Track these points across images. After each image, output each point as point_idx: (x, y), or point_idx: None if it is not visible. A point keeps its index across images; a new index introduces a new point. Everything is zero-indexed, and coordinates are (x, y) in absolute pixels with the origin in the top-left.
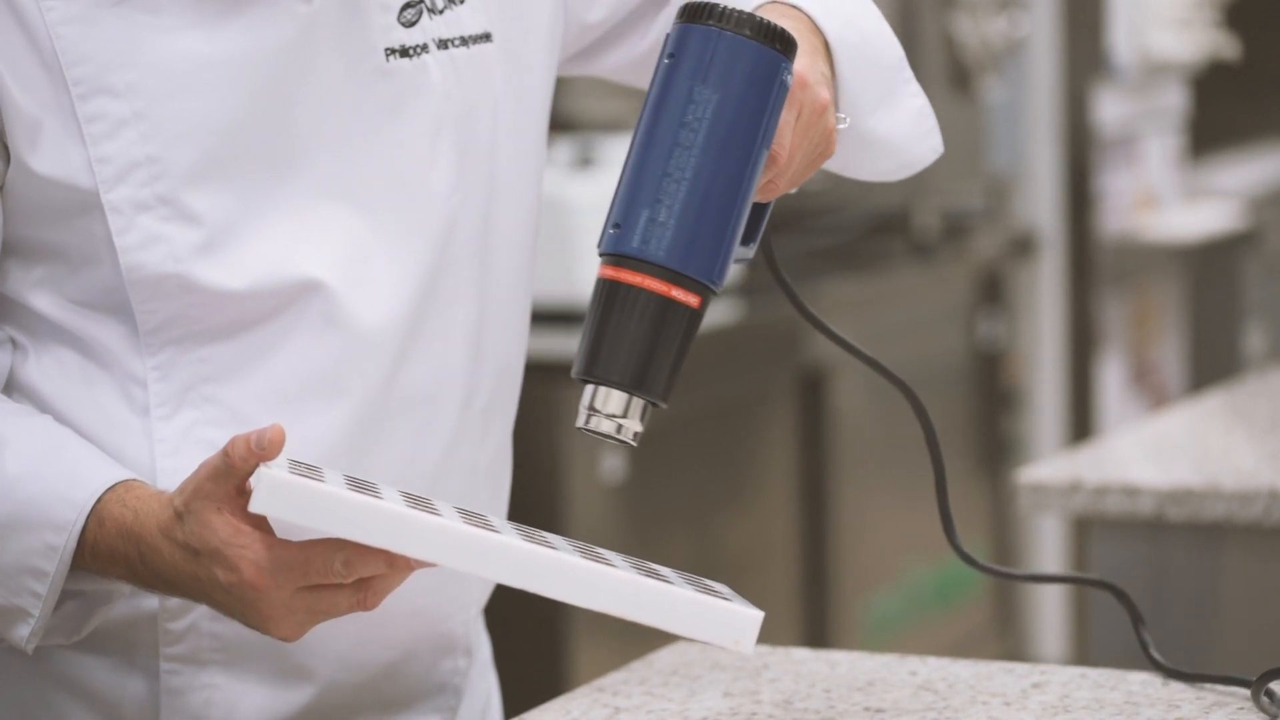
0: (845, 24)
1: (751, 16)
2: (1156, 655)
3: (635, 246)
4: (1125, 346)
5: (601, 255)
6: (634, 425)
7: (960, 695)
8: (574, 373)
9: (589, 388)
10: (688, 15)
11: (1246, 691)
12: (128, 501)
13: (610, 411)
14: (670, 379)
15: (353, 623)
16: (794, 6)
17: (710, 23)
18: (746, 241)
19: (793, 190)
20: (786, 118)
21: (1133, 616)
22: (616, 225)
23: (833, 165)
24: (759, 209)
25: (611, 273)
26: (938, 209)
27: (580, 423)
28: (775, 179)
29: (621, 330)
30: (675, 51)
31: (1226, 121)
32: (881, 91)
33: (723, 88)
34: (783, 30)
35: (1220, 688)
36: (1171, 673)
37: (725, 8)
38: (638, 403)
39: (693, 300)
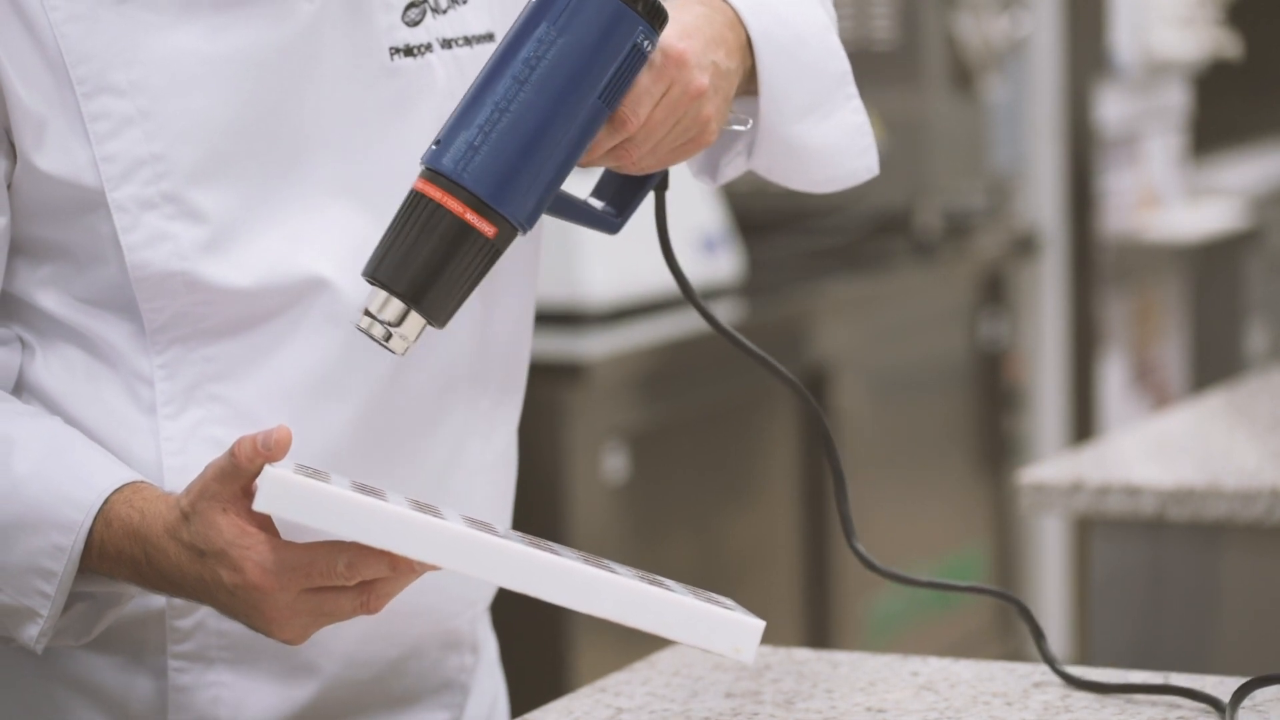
0: (778, 23)
1: None
2: (1063, 669)
3: (446, 165)
4: (1127, 346)
5: (422, 168)
6: (406, 341)
7: (962, 695)
8: (363, 271)
9: (371, 290)
10: None
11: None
12: (135, 503)
13: (386, 319)
14: (452, 305)
15: (358, 620)
16: None
17: None
18: (619, 213)
19: (664, 169)
20: (649, 88)
21: (1034, 632)
22: (438, 142)
23: (758, 168)
24: (634, 183)
25: (421, 185)
26: (939, 208)
27: (356, 322)
28: (628, 147)
29: (414, 243)
30: None
31: (1229, 120)
32: (812, 99)
33: (568, 33)
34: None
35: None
36: (1080, 684)
37: None
38: (415, 318)
39: (488, 230)
